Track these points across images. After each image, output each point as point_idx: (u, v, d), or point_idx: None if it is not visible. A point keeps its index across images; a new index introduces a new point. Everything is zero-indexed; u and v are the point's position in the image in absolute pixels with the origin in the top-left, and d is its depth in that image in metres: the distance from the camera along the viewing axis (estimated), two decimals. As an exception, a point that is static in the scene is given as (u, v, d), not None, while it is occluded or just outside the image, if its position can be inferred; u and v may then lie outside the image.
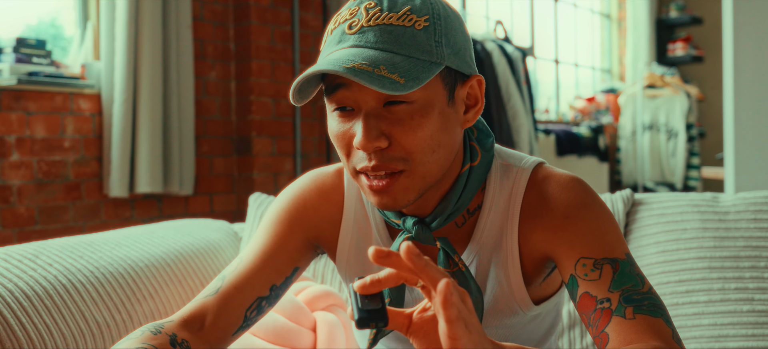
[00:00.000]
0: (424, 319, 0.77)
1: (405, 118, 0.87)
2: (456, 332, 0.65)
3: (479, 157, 0.98)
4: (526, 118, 4.45)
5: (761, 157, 2.91)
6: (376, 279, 0.73)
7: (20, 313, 1.08)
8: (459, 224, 1.00)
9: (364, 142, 0.86)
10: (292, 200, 1.07)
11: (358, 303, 0.71)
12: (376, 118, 0.87)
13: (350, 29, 0.88)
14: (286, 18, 3.83)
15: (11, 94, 2.84)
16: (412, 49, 0.86)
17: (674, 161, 6.55)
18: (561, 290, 1.09)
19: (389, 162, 0.87)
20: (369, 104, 0.87)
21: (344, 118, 0.90)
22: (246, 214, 1.69)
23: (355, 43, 0.87)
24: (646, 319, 0.84)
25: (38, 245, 1.26)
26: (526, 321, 1.04)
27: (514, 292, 0.99)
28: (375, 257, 0.69)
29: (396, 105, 0.87)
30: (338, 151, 0.92)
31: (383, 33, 0.86)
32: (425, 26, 0.87)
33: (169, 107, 3.26)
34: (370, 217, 1.05)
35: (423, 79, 0.85)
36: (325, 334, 1.41)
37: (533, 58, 6.06)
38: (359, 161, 0.89)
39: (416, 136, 0.87)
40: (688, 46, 7.30)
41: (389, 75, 0.83)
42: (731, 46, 2.93)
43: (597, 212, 0.94)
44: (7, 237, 2.83)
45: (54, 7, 3.26)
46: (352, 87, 0.87)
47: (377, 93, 0.86)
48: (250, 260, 1.03)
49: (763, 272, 1.35)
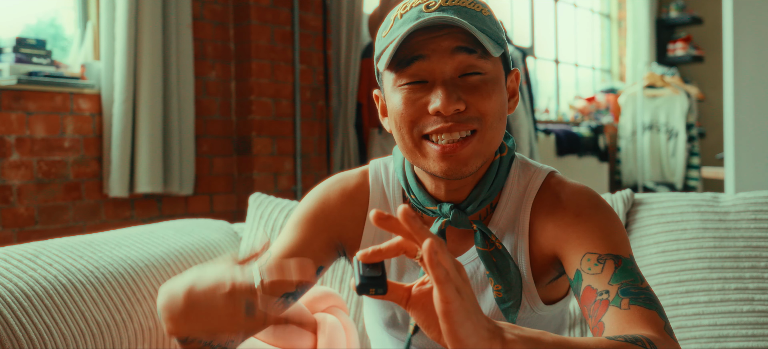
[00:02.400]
0: (422, 292, 0.79)
1: (480, 85, 0.95)
2: (447, 294, 0.67)
3: (507, 150, 1.06)
4: (526, 118, 4.45)
5: (761, 157, 2.90)
6: (377, 249, 0.75)
7: (20, 313, 1.08)
8: (482, 217, 1.06)
9: (445, 104, 0.93)
10: (317, 200, 1.12)
11: (359, 271, 0.75)
12: (453, 85, 0.95)
13: (428, 8, 0.96)
14: (286, 18, 3.83)
15: (11, 94, 2.84)
16: (486, 28, 0.96)
17: (674, 161, 6.55)
18: (567, 297, 1.12)
19: (465, 123, 0.95)
20: (446, 73, 0.95)
21: (414, 90, 0.96)
22: (246, 214, 1.69)
23: (439, 13, 0.94)
24: (640, 310, 0.87)
25: (38, 245, 1.26)
26: (532, 321, 1.07)
27: (523, 285, 1.03)
28: (375, 219, 0.72)
29: (471, 76, 0.95)
30: (400, 124, 0.97)
31: (461, 11, 0.95)
32: (489, 14, 0.99)
33: (169, 107, 3.26)
34: (393, 213, 1.08)
35: (498, 51, 0.95)
36: (326, 335, 1.41)
37: (533, 58, 6.06)
38: (431, 125, 0.95)
39: (490, 102, 0.96)
40: (688, 46, 7.30)
41: (482, 35, 0.92)
42: (731, 46, 2.93)
43: (606, 213, 1.00)
44: (7, 237, 2.83)
45: (54, 7, 3.26)
46: (431, 58, 0.94)
47: (455, 63, 0.94)
48: (277, 257, 1.07)
49: (763, 272, 1.35)
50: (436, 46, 0.94)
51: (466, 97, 0.95)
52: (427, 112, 0.95)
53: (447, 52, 0.94)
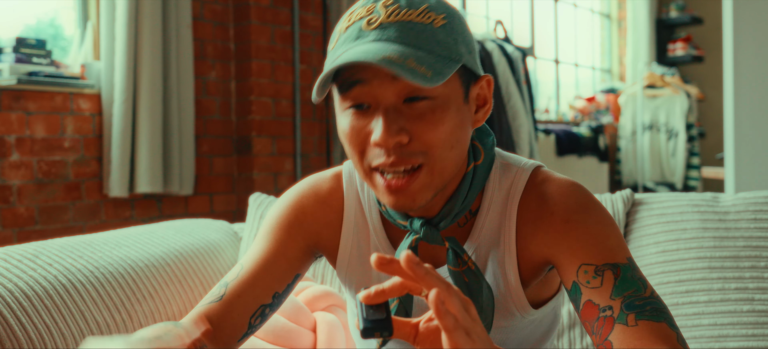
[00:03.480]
0: (430, 329, 0.76)
1: (426, 113, 0.86)
2: (456, 341, 0.66)
3: (482, 157, 0.98)
4: (526, 118, 4.45)
5: (761, 157, 2.90)
6: (380, 290, 0.72)
7: (20, 313, 1.08)
8: (461, 224, 0.99)
9: (384, 137, 0.84)
10: (290, 206, 1.06)
11: (363, 314, 0.71)
12: (395, 113, 0.86)
13: (369, 25, 0.87)
14: (286, 18, 3.83)
15: (11, 94, 2.84)
16: (434, 46, 0.86)
17: (674, 161, 6.55)
18: (559, 293, 1.08)
19: (409, 157, 0.86)
20: (389, 100, 0.86)
21: (359, 117, 0.88)
22: (246, 214, 1.69)
23: (376, 38, 0.85)
24: (648, 324, 0.83)
25: (38, 245, 1.26)
26: (524, 324, 1.03)
27: (512, 293, 0.98)
28: (377, 264, 0.69)
29: (416, 101, 0.86)
30: (350, 150, 0.91)
31: (404, 29, 0.85)
32: (443, 24, 0.87)
33: (169, 107, 3.26)
34: (368, 221, 1.04)
35: (445, 74, 0.84)
36: (325, 334, 1.41)
37: (533, 58, 6.06)
38: (375, 158, 0.88)
39: (437, 132, 0.86)
40: (688, 46, 7.30)
41: (417, 67, 0.82)
42: (731, 46, 2.93)
43: (597, 216, 0.93)
44: (7, 237, 2.83)
45: (54, 7, 3.26)
46: (371, 83, 0.86)
47: (397, 89, 0.85)
48: (250, 268, 1.01)
49: (763, 272, 1.35)
50: (376, 71, 0.85)
51: (411, 126, 0.86)
52: (371, 143, 0.87)
53: (387, 77, 0.85)
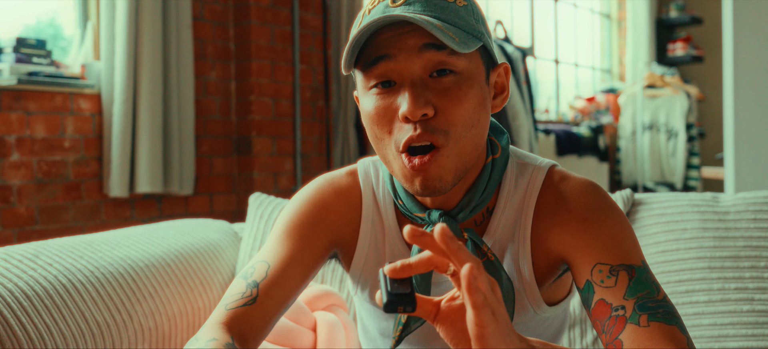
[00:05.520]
0: (452, 308, 0.76)
1: (452, 87, 0.88)
2: (483, 318, 0.65)
3: (500, 151, 0.99)
4: (526, 118, 4.45)
5: (761, 157, 2.90)
6: (406, 264, 0.72)
7: (20, 313, 1.08)
8: (477, 223, 1.00)
9: (411, 109, 0.85)
10: (312, 203, 1.04)
11: (387, 287, 0.71)
12: (422, 86, 0.87)
13: (394, 2, 0.89)
14: (286, 18, 3.83)
15: (11, 94, 2.84)
16: (458, 20, 0.88)
17: (674, 161, 6.55)
18: (570, 294, 1.09)
19: (432, 132, 0.87)
20: (415, 74, 0.87)
21: (384, 95, 0.89)
22: (246, 214, 1.69)
23: (404, 11, 0.87)
24: (660, 326, 0.84)
25: (38, 245, 1.26)
26: (536, 323, 1.04)
27: (526, 289, 0.99)
28: (410, 235, 0.69)
29: (443, 76, 0.88)
30: (377, 131, 0.91)
31: (429, 4, 0.88)
32: (464, 5, 0.90)
33: (169, 107, 3.26)
34: (383, 218, 1.04)
35: (471, 46, 0.86)
36: (325, 334, 1.41)
37: (533, 58, 6.06)
38: (404, 134, 0.88)
39: (461, 108, 0.88)
40: (688, 46, 7.30)
41: (447, 32, 0.84)
42: (731, 46, 2.93)
43: (615, 218, 0.94)
44: (7, 237, 2.83)
45: (53, 7, 3.26)
46: (397, 58, 0.87)
47: (424, 61, 0.87)
48: (279, 267, 0.99)
49: (763, 272, 1.35)
50: (402, 44, 0.87)
51: (436, 100, 0.87)
52: (398, 118, 0.88)
53: (414, 50, 0.86)
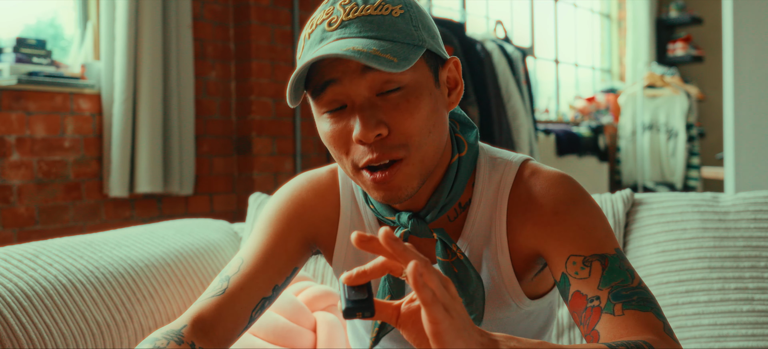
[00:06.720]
0: (411, 309, 0.77)
1: (400, 102, 0.88)
2: (435, 315, 0.66)
3: (466, 148, 0.99)
4: (526, 118, 4.45)
5: (761, 157, 2.91)
6: (362, 271, 0.74)
7: (20, 313, 1.08)
8: (451, 218, 1.01)
9: (364, 133, 0.86)
10: (289, 199, 1.07)
11: (345, 294, 0.74)
12: (371, 108, 0.88)
13: (331, 26, 0.89)
14: (286, 18, 3.83)
15: (11, 94, 2.84)
16: (395, 34, 0.88)
17: (674, 161, 6.55)
18: (554, 289, 1.09)
19: (390, 151, 0.88)
20: (362, 96, 0.88)
21: (336, 118, 0.90)
22: (246, 214, 1.70)
23: (339, 36, 0.88)
24: (635, 314, 0.85)
25: (38, 245, 1.26)
26: (519, 318, 1.05)
27: (506, 284, 0.99)
28: (357, 241, 0.70)
29: (389, 93, 0.88)
30: (335, 152, 0.93)
31: (365, 23, 0.88)
32: (401, 13, 0.90)
33: (169, 107, 3.26)
34: (363, 216, 1.06)
35: (411, 59, 0.86)
36: (325, 334, 1.41)
37: (533, 58, 6.06)
38: (361, 156, 0.89)
39: (414, 119, 0.88)
40: (688, 46, 7.30)
41: (383, 55, 0.84)
42: (731, 46, 2.93)
43: (585, 207, 0.95)
44: (7, 237, 2.83)
45: (54, 7, 3.26)
46: (343, 81, 0.88)
47: (368, 83, 0.87)
48: (251, 261, 1.02)
49: (763, 272, 1.35)
50: (345, 68, 0.87)
51: (388, 118, 0.88)
52: (353, 141, 0.89)
53: (357, 73, 0.87)
